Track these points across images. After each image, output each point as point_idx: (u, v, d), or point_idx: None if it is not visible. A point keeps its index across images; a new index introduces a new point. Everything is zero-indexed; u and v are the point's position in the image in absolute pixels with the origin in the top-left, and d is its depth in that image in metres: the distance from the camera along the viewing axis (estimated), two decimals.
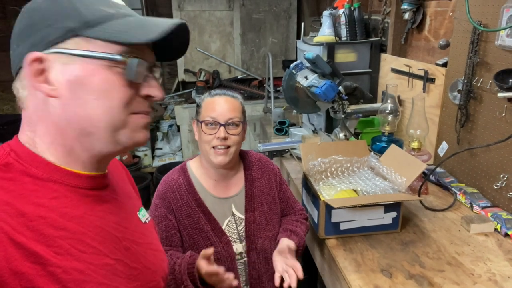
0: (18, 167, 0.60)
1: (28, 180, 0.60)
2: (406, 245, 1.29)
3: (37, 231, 0.56)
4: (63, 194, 0.62)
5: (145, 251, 0.75)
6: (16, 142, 0.64)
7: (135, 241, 0.73)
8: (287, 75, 1.94)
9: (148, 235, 0.80)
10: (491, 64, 1.46)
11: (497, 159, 1.46)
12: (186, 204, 1.27)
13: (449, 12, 1.84)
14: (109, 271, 0.64)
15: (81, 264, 0.60)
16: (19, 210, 0.56)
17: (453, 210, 1.50)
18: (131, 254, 0.70)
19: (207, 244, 1.26)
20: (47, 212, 0.59)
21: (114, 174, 0.79)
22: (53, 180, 0.62)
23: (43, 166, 0.62)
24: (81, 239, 0.61)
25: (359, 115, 1.97)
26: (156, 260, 0.78)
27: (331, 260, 1.28)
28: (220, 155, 1.25)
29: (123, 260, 0.68)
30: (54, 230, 0.58)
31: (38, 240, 0.56)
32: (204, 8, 4.19)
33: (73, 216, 0.62)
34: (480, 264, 1.19)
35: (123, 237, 0.70)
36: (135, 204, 0.82)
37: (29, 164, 0.61)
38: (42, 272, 0.54)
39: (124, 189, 0.81)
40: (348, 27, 2.29)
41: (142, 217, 0.81)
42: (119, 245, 0.68)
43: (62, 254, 0.58)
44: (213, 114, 1.24)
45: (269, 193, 1.38)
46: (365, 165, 1.54)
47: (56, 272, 0.56)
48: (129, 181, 0.88)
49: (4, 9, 4.07)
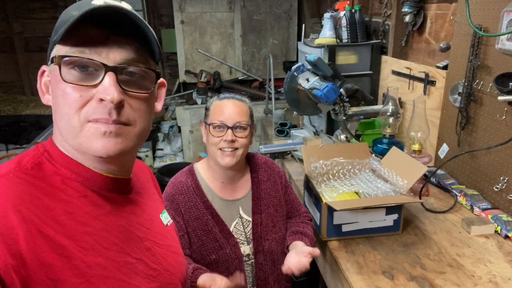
0: (49, 167, 0.63)
1: (58, 179, 0.63)
2: (407, 247, 1.30)
3: (65, 225, 0.59)
4: (90, 194, 0.65)
5: (166, 253, 0.77)
6: (50, 142, 0.67)
7: (157, 242, 0.75)
8: (289, 77, 1.95)
9: (169, 237, 0.82)
10: (491, 68, 1.48)
11: (498, 162, 1.48)
12: (194, 206, 1.29)
13: (449, 15, 1.85)
14: (130, 270, 0.66)
15: (104, 260, 0.62)
16: (48, 205, 0.59)
17: (453, 212, 1.51)
18: (151, 254, 0.72)
19: (215, 246, 1.27)
20: (74, 209, 0.61)
21: (139, 176, 0.80)
22: (80, 181, 0.65)
23: (73, 167, 0.65)
24: (105, 237, 0.64)
25: (360, 117, 1.98)
26: (176, 263, 0.79)
27: (333, 262, 1.29)
28: (227, 156, 1.26)
29: (144, 260, 0.70)
30: (81, 225, 0.61)
31: (65, 234, 0.58)
32: (205, 10, 4.20)
33: (99, 214, 0.65)
34: (481, 266, 1.20)
35: (145, 238, 0.72)
36: (158, 206, 0.84)
37: (60, 165, 0.64)
38: (68, 265, 0.57)
39: (149, 191, 0.83)
40: (349, 29, 2.30)
41: (164, 220, 0.83)
42: (141, 245, 0.70)
43: (87, 249, 0.60)
44: (221, 118, 1.26)
45: (275, 196, 1.39)
46: (367, 167, 1.55)
47: (81, 266, 0.58)
48: (154, 184, 0.90)
49: (5, 11, 4.09)
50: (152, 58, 0.67)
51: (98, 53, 0.60)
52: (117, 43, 0.62)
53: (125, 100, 0.62)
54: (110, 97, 0.60)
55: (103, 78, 0.60)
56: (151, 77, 0.67)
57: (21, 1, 4.09)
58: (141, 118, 0.66)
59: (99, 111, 0.60)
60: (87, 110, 0.61)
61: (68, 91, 0.60)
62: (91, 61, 0.60)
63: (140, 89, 0.65)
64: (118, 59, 0.62)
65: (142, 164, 0.90)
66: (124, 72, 0.63)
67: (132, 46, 0.63)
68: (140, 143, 0.69)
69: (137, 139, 0.67)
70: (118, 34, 0.62)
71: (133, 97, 0.64)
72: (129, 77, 0.64)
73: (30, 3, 4.11)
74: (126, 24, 0.62)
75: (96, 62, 0.60)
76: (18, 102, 4.14)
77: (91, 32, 0.60)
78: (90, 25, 0.60)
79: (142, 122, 0.66)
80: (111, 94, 0.60)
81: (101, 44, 0.61)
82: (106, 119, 0.61)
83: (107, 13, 0.60)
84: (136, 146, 0.68)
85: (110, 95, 0.60)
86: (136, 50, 0.63)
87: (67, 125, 0.62)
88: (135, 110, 0.64)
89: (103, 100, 0.60)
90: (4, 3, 4.05)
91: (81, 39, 0.60)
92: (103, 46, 0.61)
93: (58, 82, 0.61)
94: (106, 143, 0.62)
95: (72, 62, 0.60)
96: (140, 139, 0.68)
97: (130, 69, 0.63)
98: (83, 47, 0.60)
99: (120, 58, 0.62)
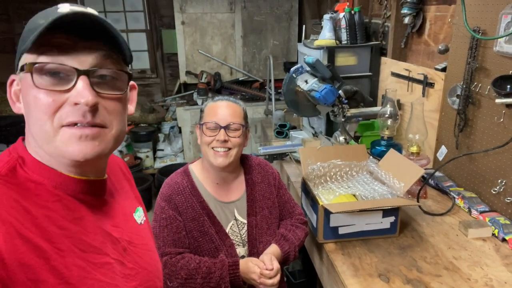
0: (22, 173, 0.64)
1: (32, 185, 0.63)
2: (404, 250, 1.30)
3: (42, 228, 0.59)
4: (64, 198, 0.65)
5: (141, 252, 0.78)
6: (22, 148, 0.67)
7: (132, 242, 0.76)
8: (288, 78, 1.95)
9: (144, 236, 0.82)
10: (489, 70, 1.47)
11: (495, 164, 1.47)
12: (191, 207, 1.29)
13: (448, 18, 1.85)
14: (109, 270, 0.67)
15: (82, 261, 0.62)
16: (25, 208, 0.59)
17: (451, 215, 1.51)
18: (128, 254, 0.73)
19: (211, 247, 1.28)
20: (50, 212, 0.62)
21: (111, 175, 0.80)
22: (54, 185, 0.65)
23: (45, 173, 0.65)
24: (81, 239, 0.64)
25: (359, 118, 1.98)
26: (152, 260, 0.81)
27: (330, 264, 1.29)
28: (220, 157, 1.26)
29: (121, 260, 0.70)
30: (57, 228, 0.61)
31: (42, 237, 0.59)
32: (206, 11, 4.21)
33: (74, 217, 0.65)
34: (477, 269, 1.20)
35: (121, 238, 0.73)
36: (131, 205, 0.84)
37: (32, 171, 0.64)
38: (46, 266, 0.57)
39: (122, 190, 0.83)
40: (348, 31, 2.30)
41: (138, 218, 0.83)
42: (118, 245, 0.71)
43: (64, 250, 0.61)
44: (215, 118, 1.27)
45: (269, 198, 1.40)
46: (364, 169, 1.55)
47: (59, 267, 0.59)
48: (127, 180, 0.89)
49: (7, 11, 4.10)
50: (123, 60, 0.68)
51: (68, 58, 0.61)
52: (87, 47, 0.62)
53: (99, 103, 0.63)
54: (84, 100, 0.60)
55: (76, 82, 0.61)
56: (124, 78, 0.68)
57: (22, 1, 4.11)
58: (117, 120, 0.67)
59: (73, 114, 0.61)
60: (60, 115, 0.61)
61: (40, 96, 0.61)
62: (63, 66, 0.61)
63: (113, 90, 0.66)
64: (89, 62, 0.62)
65: (115, 158, 0.89)
66: (96, 75, 0.63)
67: (101, 50, 0.64)
68: (116, 146, 0.69)
69: (114, 141, 0.67)
70: (87, 39, 0.62)
71: (107, 99, 0.65)
72: (101, 80, 0.64)
73: (31, 4, 4.12)
74: (94, 29, 0.62)
75: (67, 67, 0.61)
76: None
77: (59, 40, 0.61)
78: (59, 33, 0.60)
79: (118, 124, 0.67)
80: (86, 97, 0.60)
81: (70, 50, 0.61)
82: (80, 121, 0.61)
83: (74, 20, 0.60)
84: (113, 149, 0.69)
85: (84, 98, 0.60)
86: (106, 53, 0.64)
87: (40, 130, 0.62)
88: (110, 112, 0.65)
89: (77, 104, 0.61)
90: (6, 4, 4.07)
91: (50, 46, 0.60)
92: (72, 52, 0.61)
93: (29, 88, 0.61)
94: (83, 147, 0.62)
95: (43, 68, 0.60)
96: (116, 141, 0.68)
97: (102, 72, 0.64)
98: (53, 53, 0.60)
99: (91, 61, 0.62)
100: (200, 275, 1.19)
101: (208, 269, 1.20)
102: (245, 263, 1.24)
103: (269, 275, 1.20)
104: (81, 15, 0.60)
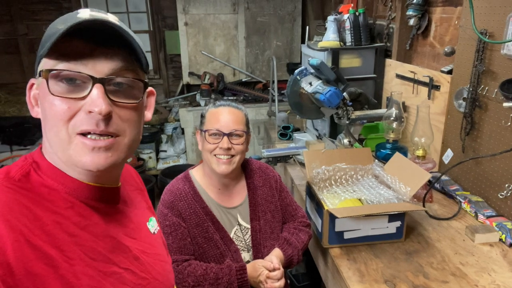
0: (36, 178, 0.64)
1: (45, 190, 0.63)
2: (410, 255, 1.29)
3: (52, 235, 0.59)
4: (77, 204, 0.65)
5: (154, 262, 0.77)
6: (39, 153, 0.67)
7: (145, 251, 0.75)
8: (292, 80, 1.94)
9: (157, 246, 0.82)
10: (496, 73, 1.46)
11: (503, 168, 1.46)
12: (194, 213, 1.28)
13: (454, 20, 1.83)
14: (118, 280, 0.66)
15: (92, 270, 0.62)
16: (36, 215, 0.59)
17: (457, 219, 1.49)
18: (140, 264, 0.72)
19: (217, 254, 1.26)
20: (61, 219, 0.61)
21: (125, 184, 0.80)
22: (67, 191, 0.65)
23: (59, 178, 0.65)
24: (92, 247, 0.64)
25: (363, 121, 1.97)
26: (164, 271, 0.79)
27: (335, 270, 1.28)
28: (224, 164, 1.25)
29: (132, 269, 0.69)
30: (68, 236, 0.61)
31: (52, 244, 0.58)
32: (209, 11, 4.20)
33: (86, 224, 0.65)
34: (485, 275, 1.18)
35: (133, 247, 0.72)
36: (144, 214, 0.84)
37: (47, 176, 0.64)
38: (55, 275, 0.57)
39: (135, 199, 0.83)
40: (352, 32, 2.29)
41: (151, 228, 0.83)
42: (129, 254, 0.70)
43: (74, 259, 0.60)
44: (217, 125, 1.26)
45: (272, 201, 1.39)
46: (369, 173, 1.53)
47: (68, 276, 0.58)
48: (140, 191, 0.89)
49: (10, 12, 4.11)
50: (140, 68, 0.67)
51: (85, 65, 0.60)
52: (104, 54, 0.62)
53: (113, 111, 0.62)
54: (98, 109, 0.60)
55: (91, 90, 0.60)
56: (139, 86, 0.67)
57: (25, 3, 4.11)
58: (130, 128, 0.66)
59: (87, 122, 0.61)
60: (75, 122, 0.61)
61: (56, 103, 0.60)
62: (78, 73, 0.60)
63: (129, 99, 0.65)
64: (105, 71, 0.62)
65: (130, 169, 0.89)
66: (112, 83, 0.63)
67: (119, 57, 0.63)
68: (130, 153, 0.69)
69: (127, 150, 0.67)
70: (105, 46, 0.62)
71: (122, 107, 0.64)
72: (117, 88, 0.64)
73: (34, 5, 4.13)
74: (113, 36, 0.62)
75: (83, 75, 0.60)
76: (23, 103, 4.16)
77: (77, 45, 0.60)
78: (77, 38, 0.60)
79: (131, 132, 0.66)
80: (99, 106, 0.60)
81: (87, 57, 0.60)
82: (93, 130, 0.61)
83: (93, 26, 0.59)
84: (127, 157, 0.68)
85: (98, 107, 0.60)
86: (123, 60, 0.63)
87: (56, 137, 0.62)
88: (124, 120, 0.64)
89: (91, 112, 0.60)
90: (9, 5, 4.07)
91: (68, 52, 0.60)
92: (89, 58, 0.61)
93: (46, 95, 0.61)
94: (96, 158, 0.62)
95: (60, 75, 0.60)
96: (130, 149, 0.68)
97: (117, 80, 0.63)
98: (70, 60, 0.60)
99: (108, 69, 0.62)
100: (207, 282, 1.18)
101: (216, 275, 1.19)
102: (251, 266, 1.23)
103: (276, 277, 1.19)
104: (100, 21, 0.60)
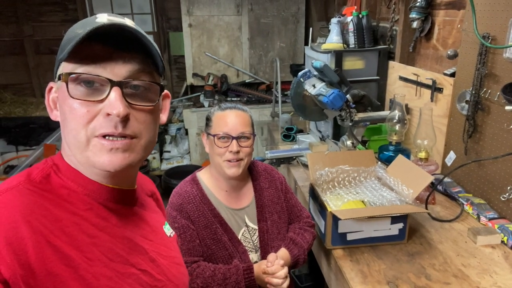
0: (56, 180, 0.66)
1: (65, 192, 0.65)
2: (412, 257, 1.30)
3: (72, 236, 0.61)
4: (95, 207, 0.67)
5: (170, 264, 0.78)
6: (59, 156, 0.69)
7: (161, 254, 0.77)
8: (295, 83, 1.95)
9: (173, 249, 0.83)
10: (499, 76, 1.47)
11: (505, 171, 1.47)
12: (202, 215, 1.30)
13: (457, 23, 1.84)
14: (135, 281, 0.68)
15: (110, 271, 0.64)
16: (56, 216, 0.61)
17: (460, 221, 1.50)
18: (156, 266, 0.74)
19: (225, 255, 1.28)
20: (81, 220, 0.63)
21: (140, 189, 0.82)
22: (86, 193, 0.67)
23: (79, 180, 0.67)
24: (111, 248, 0.65)
25: (366, 123, 1.98)
26: (179, 274, 0.81)
27: (338, 271, 1.29)
28: (233, 167, 1.28)
29: (149, 271, 0.71)
30: (87, 237, 0.63)
31: (72, 245, 0.60)
32: (213, 13, 4.22)
33: (105, 226, 0.66)
34: (486, 277, 1.19)
35: (150, 249, 0.74)
36: (160, 218, 0.86)
37: (67, 178, 0.66)
38: (74, 275, 0.58)
39: (150, 204, 0.85)
40: (356, 35, 2.30)
41: (167, 231, 0.85)
42: (146, 256, 0.72)
43: (93, 260, 0.62)
44: (225, 129, 1.27)
45: (278, 202, 1.40)
46: (372, 175, 1.55)
47: (87, 277, 0.60)
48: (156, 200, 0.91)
49: (16, 13, 4.15)
50: (156, 71, 0.69)
51: (103, 68, 0.62)
52: (122, 58, 0.63)
53: (130, 113, 0.64)
54: (116, 111, 0.61)
55: (109, 93, 0.62)
56: (156, 89, 0.69)
57: (31, 4, 4.15)
58: (147, 130, 0.68)
59: (106, 125, 0.62)
60: (94, 125, 0.62)
61: (75, 106, 0.62)
62: (97, 76, 0.62)
63: (145, 102, 0.67)
64: (123, 74, 0.63)
65: (146, 178, 0.91)
66: (129, 86, 0.65)
67: (136, 60, 0.65)
68: (146, 155, 0.70)
69: (143, 151, 0.69)
70: (122, 50, 0.63)
71: (139, 110, 0.66)
72: (134, 91, 0.65)
73: (40, 6, 4.17)
74: (130, 40, 0.63)
75: (101, 78, 0.62)
76: (28, 104, 4.20)
77: (96, 49, 0.62)
78: (95, 42, 0.61)
79: (147, 134, 0.68)
80: (117, 108, 0.61)
81: (106, 60, 0.62)
82: (112, 133, 0.62)
83: (111, 30, 0.61)
84: (143, 158, 0.70)
85: (116, 109, 0.61)
86: (140, 64, 0.65)
87: (74, 140, 0.63)
88: (140, 122, 0.66)
89: (109, 115, 0.62)
90: (15, 6, 4.11)
91: (87, 56, 0.62)
92: (108, 62, 0.62)
93: (65, 98, 0.63)
94: (113, 158, 0.64)
95: (79, 78, 0.62)
96: (146, 151, 0.69)
97: (134, 83, 0.65)
98: (88, 63, 0.62)
99: (125, 72, 0.63)
100: (216, 282, 1.20)
101: (223, 276, 1.21)
102: (258, 266, 1.25)
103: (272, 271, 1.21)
104: (118, 26, 0.61)
